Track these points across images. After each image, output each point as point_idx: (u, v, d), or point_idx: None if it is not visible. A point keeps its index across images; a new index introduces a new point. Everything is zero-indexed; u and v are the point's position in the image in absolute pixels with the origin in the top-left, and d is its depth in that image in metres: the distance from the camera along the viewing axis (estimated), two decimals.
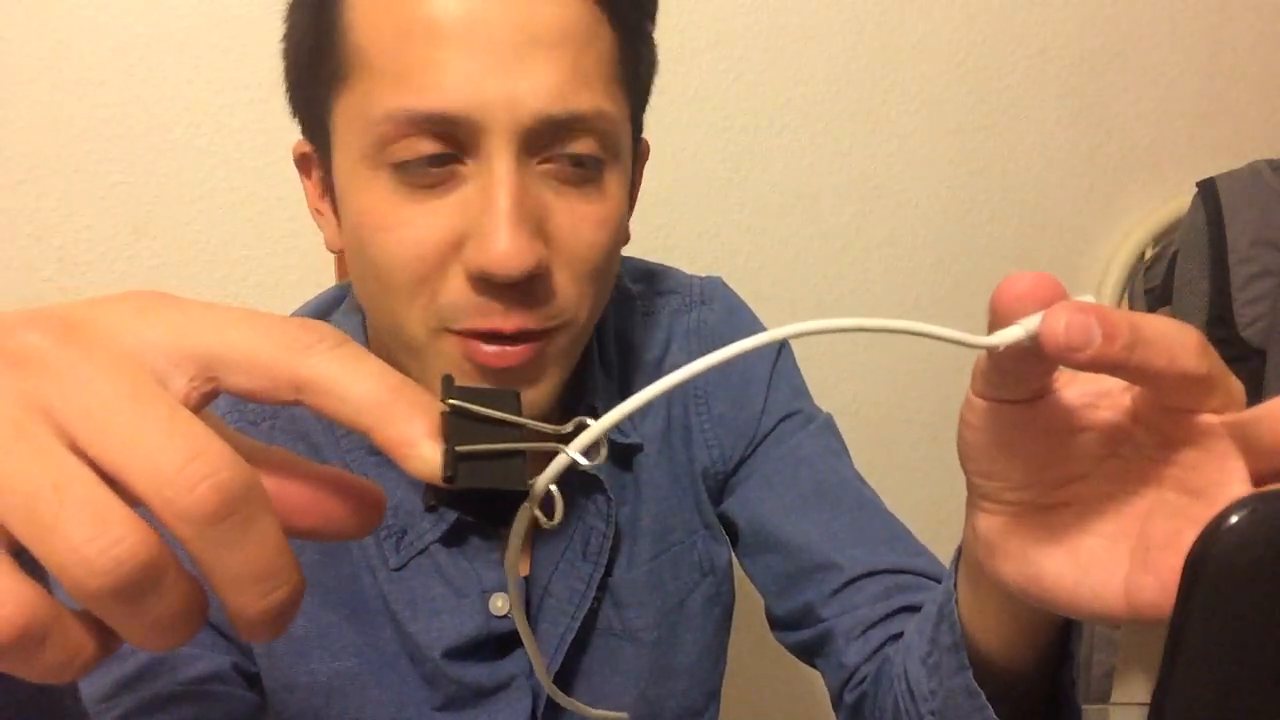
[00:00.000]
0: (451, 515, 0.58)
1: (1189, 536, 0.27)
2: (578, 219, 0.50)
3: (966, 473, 0.35)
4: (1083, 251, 1.36)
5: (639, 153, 0.60)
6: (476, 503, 0.58)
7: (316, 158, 0.55)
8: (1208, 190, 1.21)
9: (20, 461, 0.22)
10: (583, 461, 0.27)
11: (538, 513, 0.29)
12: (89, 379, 0.23)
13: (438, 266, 0.49)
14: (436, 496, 0.58)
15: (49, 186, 0.99)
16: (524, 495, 0.28)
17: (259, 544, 0.23)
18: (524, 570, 0.61)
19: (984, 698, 0.43)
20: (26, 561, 0.22)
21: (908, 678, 0.50)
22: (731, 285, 0.72)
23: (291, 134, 0.58)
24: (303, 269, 1.08)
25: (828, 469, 0.66)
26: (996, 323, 0.30)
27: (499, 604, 0.59)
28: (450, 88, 0.46)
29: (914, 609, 0.57)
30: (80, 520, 0.21)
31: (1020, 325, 0.28)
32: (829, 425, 0.69)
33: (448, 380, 0.27)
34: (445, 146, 0.48)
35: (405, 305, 0.50)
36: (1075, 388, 0.33)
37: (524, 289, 0.49)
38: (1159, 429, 0.31)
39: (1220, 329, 1.18)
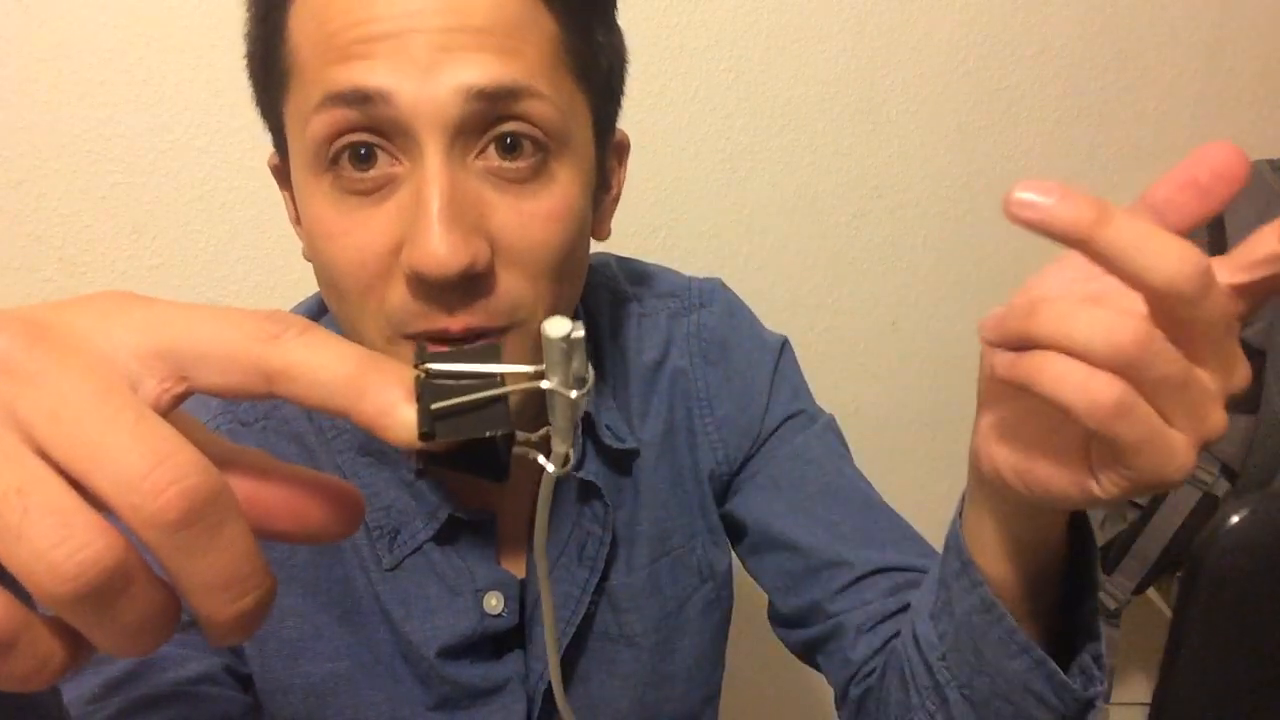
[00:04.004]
0: (444, 514, 0.58)
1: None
2: (524, 216, 0.48)
3: (980, 381, 0.41)
4: None
5: (613, 145, 0.58)
6: (472, 462, 0.58)
7: (284, 170, 0.55)
8: None
9: None
10: (571, 394, 0.27)
11: (543, 460, 0.28)
12: (56, 382, 0.23)
13: (380, 273, 0.48)
14: (426, 461, 0.56)
15: (49, 186, 0.99)
16: (514, 445, 0.27)
17: (227, 550, 0.23)
18: (519, 572, 0.61)
19: (1001, 607, 0.44)
20: None
21: (915, 637, 0.51)
22: (731, 286, 0.72)
23: None
24: (302, 269, 1.07)
25: (834, 470, 0.66)
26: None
27: (493, 603, 0.58)
28: (373, 70, 0.45)
29: None
30: (45, 525, 0.21)
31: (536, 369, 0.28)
32: (831, 426, 0.69)
33: (420, 347, 0.27)
34: (374, 137, 0.47)
35: (359, 313, 0.50)
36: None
37: (464, 288, 0.47)
38: None
39: None
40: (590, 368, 0.28)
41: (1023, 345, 0.35)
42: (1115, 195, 1.45)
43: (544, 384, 0.27)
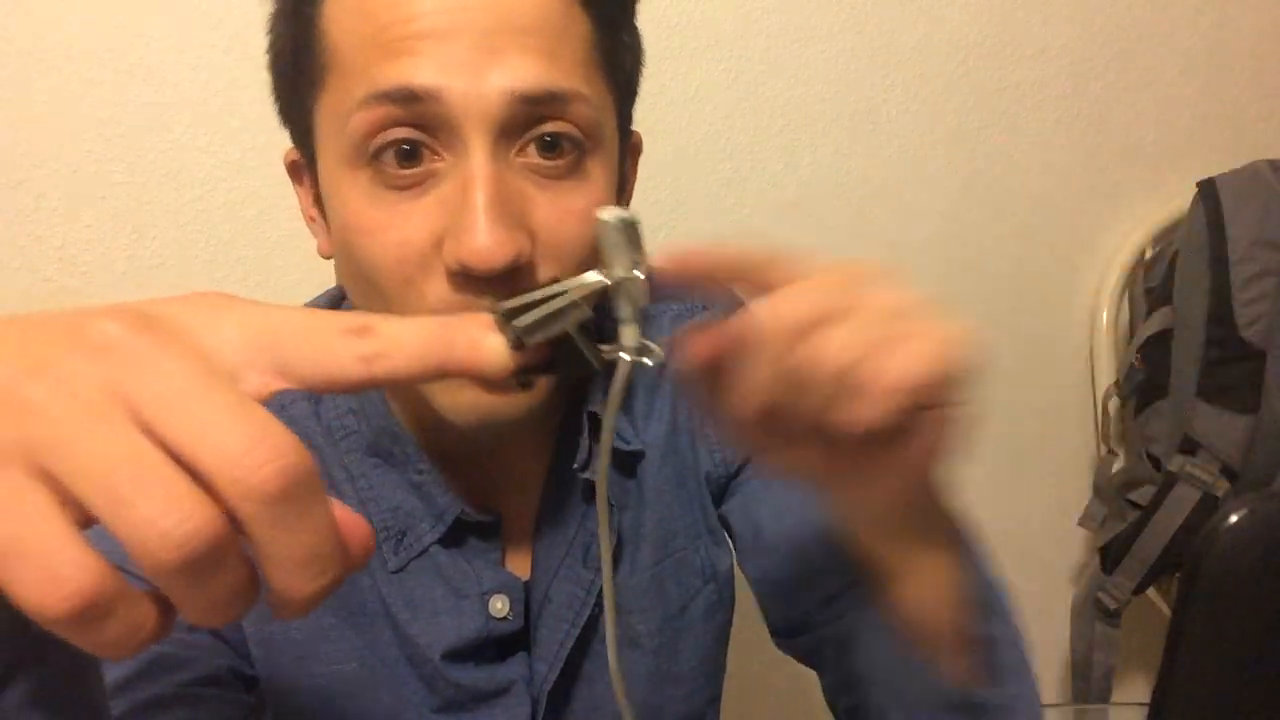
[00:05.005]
0: (451, 516, 0.58)
1: None
2: (562, 211, 0.49)
3: None
4: (1083, 251, 1.36)
5: (630, 146, 0.59)
6: (564, 364, 0.59)
7: (305, 165, 0.55)
8: (1208, 190, 1.21)
9: (100, 441, 0.23)
10: (636, 274, 0.30)
11: (623, 355, 0.31)
12: (164, 367, 0.24)
13: (421, 267, 0.48)
14: (526, 374, 0.57)
15: (49, 186, 0.99)
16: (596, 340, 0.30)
17: (315, 528, 0.24)
18: (524, 574, 0.61)
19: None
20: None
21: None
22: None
23: None
24: (302, 269, 1.08)
25: None
26: None
27: (499, 606, 0.58)
28: (420, 68, 0.46)
29: None
30: (155, 496, 0.23)
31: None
32: None
33: (489, 303, 0.31)
34: (418, 133, 0.47)
35: (397, 307, 0.50)
36: None
37: (506, 282, 0.47)
38: None
39: (1220, 329, 1.18)
40: (646, 253, 0.31)
41: None
42: (1115, 195, 1.45)
43: (606, 279, 0.30)
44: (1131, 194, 1.35)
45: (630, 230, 0.29)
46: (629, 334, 0.30)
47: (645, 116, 0.59)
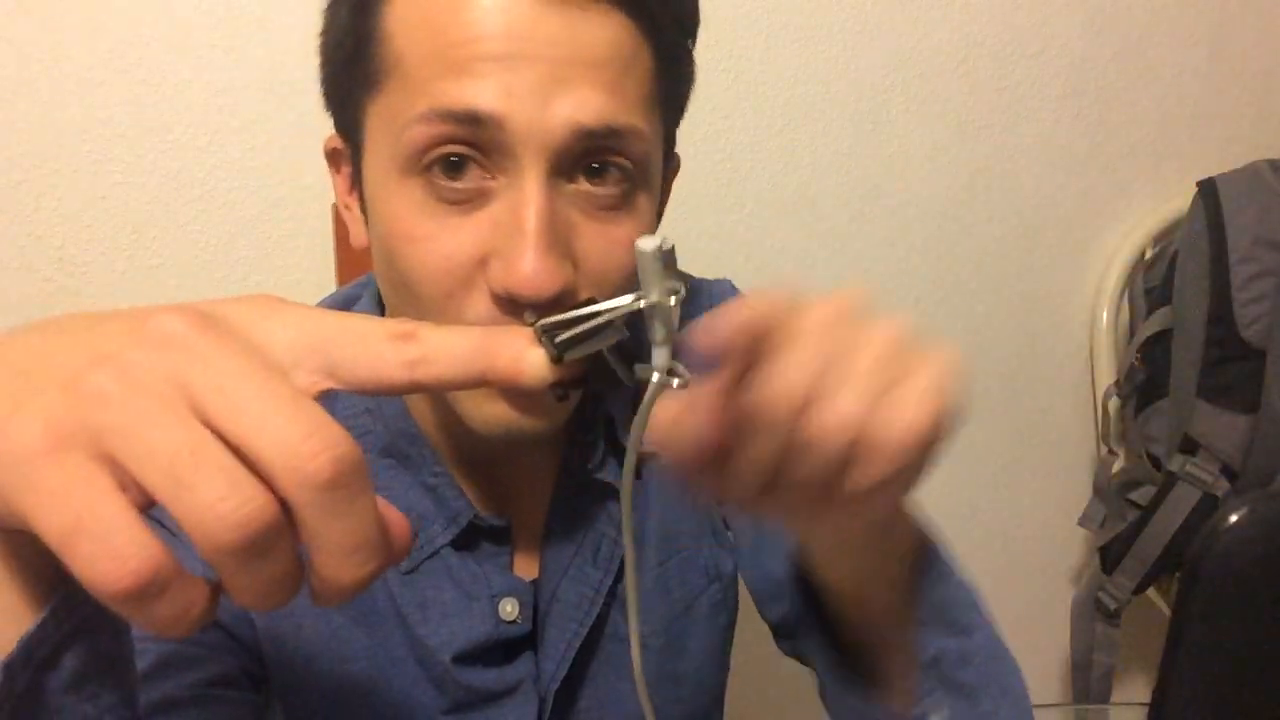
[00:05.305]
0: (465, 519, 0.58)
1: None
2: (609, 242, 0.49)
3: None
4: (1083, 251, 1.36)
5: (671, 168, 0.60)
6: (600, 379, 0.59)
7: (348, 154, 0.55)
8: (1208, 190, 1.21)
9: (162, 428, 0.24)
10: (670, 301, 0.31)
11: (661, 376, 0.32)
12: (222, 361, 0.26)
13: (464, 282, 0.48)
14: (562, 388, 0.58)
15: (49, 186, 0.99)
16: (632, 356, 0.32)
17: (363, 517, 0.26)
18: (532, 574, 0.61)
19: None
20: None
21: None
22: (734, 285, 0.72)
23: (292, 134, 0.58)
24: (302, 269, 1.08)
25: None
26: None
27: (508, 609, 0.58)
28: (483, 90, 0.45)
29: None
30: (216, 481, 0.24)
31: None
32: None
33: (530, 317, 0.32)
34: (470, 150, 0.47)
35: (435, 317, 0.49)
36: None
37: (548, 310, 0.46)
38: None
39: (1220, 329, 1.18)
40: (681, 279, 0.31)
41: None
42: (1115, 195, 1.45)
43: (642, 302, 0.31)
44: (1131, 194, 1.35)
45: (667, 258, 0.30)
46: (661, 355, 0.31)
47: None
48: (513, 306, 0.47)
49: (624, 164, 0.49)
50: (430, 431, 0.58)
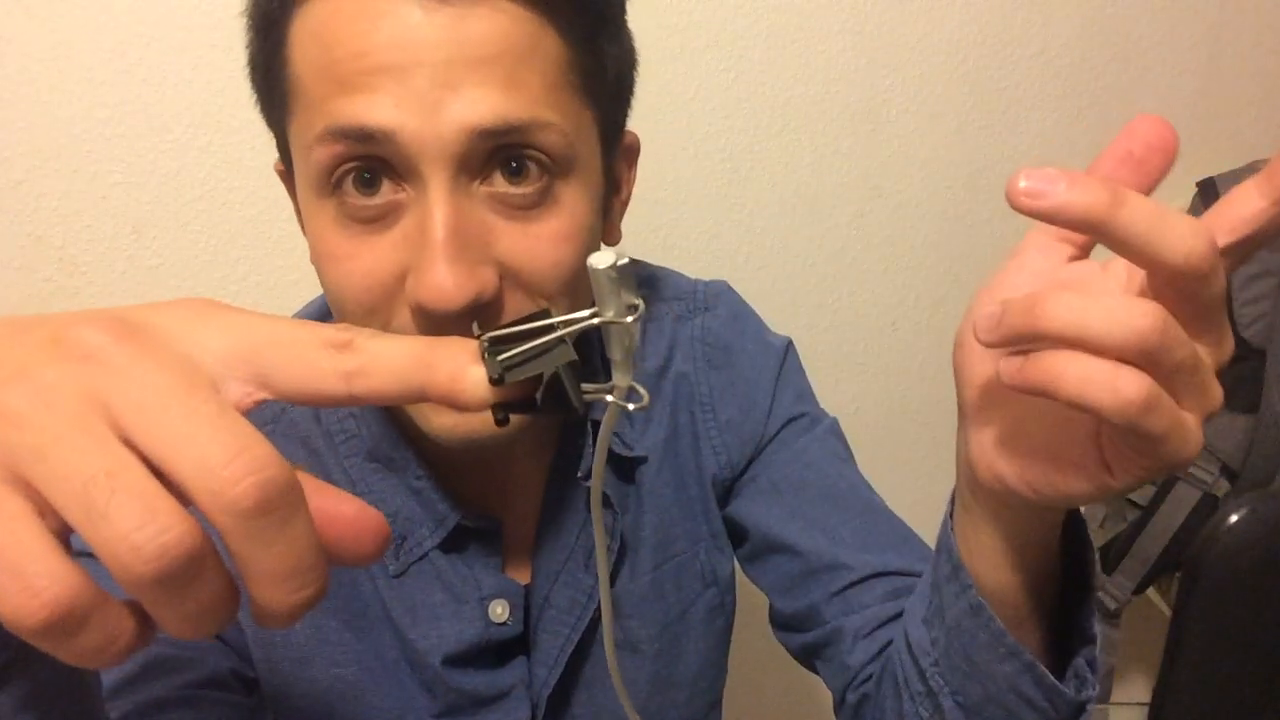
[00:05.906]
0: (452, 521, 0.58)
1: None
2: (531, 239, 0.48)
3: (961, 389, 0.40)
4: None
5: (624, 148, 0.58)
6: (546, 404, 0.58)
7: (289, 176, 0.55)
8: (1208, 190, 1.21)
9: (77, 450, 0.23)
10: (627, 320, 0.28)
11: (609, 398, 0.30)
12: (144, 375, 0.24)
13: (385, 299, 0.48)
14: (504, 410, 0.57)
15: (49, 186, 0.99)
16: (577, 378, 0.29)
17: (295, 542, 0.24)
18: (525, 579, 0.61)
19: (989, 610, 0.44)
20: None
21: (908, 641, 0.51)
22: (731, 286, 0.72)
23: None
24: (302, 269, 1.07)
25: (835, 474, 0.66)
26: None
27: (499, 611, 0.58)
28: (374, 105, 0.44)
29: None
30: (131, 508, 0.22)
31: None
32: (834, 429, 0.69)
33: (475, 326, 0.29)
34: (378, 163, 0.46)
35: None
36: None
37: (468, 319, 0.46)
38: None
39: None
40: (639, 295, 0.29)
41: (1027, 344, 0.33)
42: None
43: (596, 320, 0.28)
44: None
45: (623, 274, 0.28)
46: (620, 376, 0.29)
47: (645, 117, 0.59)
48: (431, 320, 0.46)
49: (540, 158, 0.47)
50: (413, 435, 0.58)
